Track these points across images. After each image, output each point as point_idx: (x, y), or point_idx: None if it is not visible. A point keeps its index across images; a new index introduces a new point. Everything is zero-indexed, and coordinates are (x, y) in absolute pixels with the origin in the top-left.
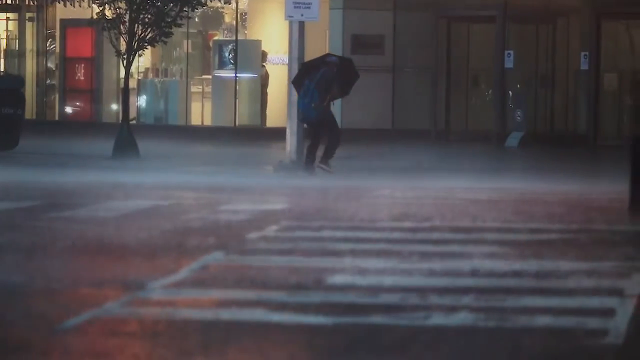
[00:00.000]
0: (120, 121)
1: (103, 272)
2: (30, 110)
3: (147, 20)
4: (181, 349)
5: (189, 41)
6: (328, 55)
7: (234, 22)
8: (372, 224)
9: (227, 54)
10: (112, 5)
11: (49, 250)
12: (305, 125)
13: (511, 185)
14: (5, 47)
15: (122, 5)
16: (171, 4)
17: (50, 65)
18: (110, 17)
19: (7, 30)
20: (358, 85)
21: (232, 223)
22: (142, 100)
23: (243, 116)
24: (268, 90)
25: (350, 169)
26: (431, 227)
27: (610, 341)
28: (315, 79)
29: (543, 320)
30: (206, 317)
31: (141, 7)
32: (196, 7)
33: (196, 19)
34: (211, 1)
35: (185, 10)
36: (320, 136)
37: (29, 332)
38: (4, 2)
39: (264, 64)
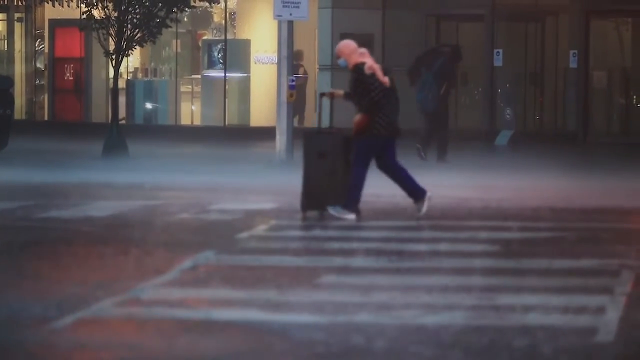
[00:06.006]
0: (109, 121)
1: (93, 272)
2: (19, 111)
3: (135, 20)
4: (171, 348)
5: (178, 41)
6: (442, 45)
7: (223, 22)
8: (362, 223)
9: (216, 54)
10: (100, 5)
11: (39, 250)
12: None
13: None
14: None
15: (110, 5)
16: (159, 4)
17: (39, 65)
18: (97, 18)
19: None
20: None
21: (222, 222)
22: (132, 100)
23: (232, 116)
24: (259, 90)
25: None
26: (420, 225)
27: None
28: (433, 70)
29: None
30: (197, 317)
31: (129, 8)
32: (184, 9)
33: (185, 19)
34: (201, 0)
35: (173, 12)
36: (434, 128)
37: (18, 333)
38: None
39: (301, 62)
